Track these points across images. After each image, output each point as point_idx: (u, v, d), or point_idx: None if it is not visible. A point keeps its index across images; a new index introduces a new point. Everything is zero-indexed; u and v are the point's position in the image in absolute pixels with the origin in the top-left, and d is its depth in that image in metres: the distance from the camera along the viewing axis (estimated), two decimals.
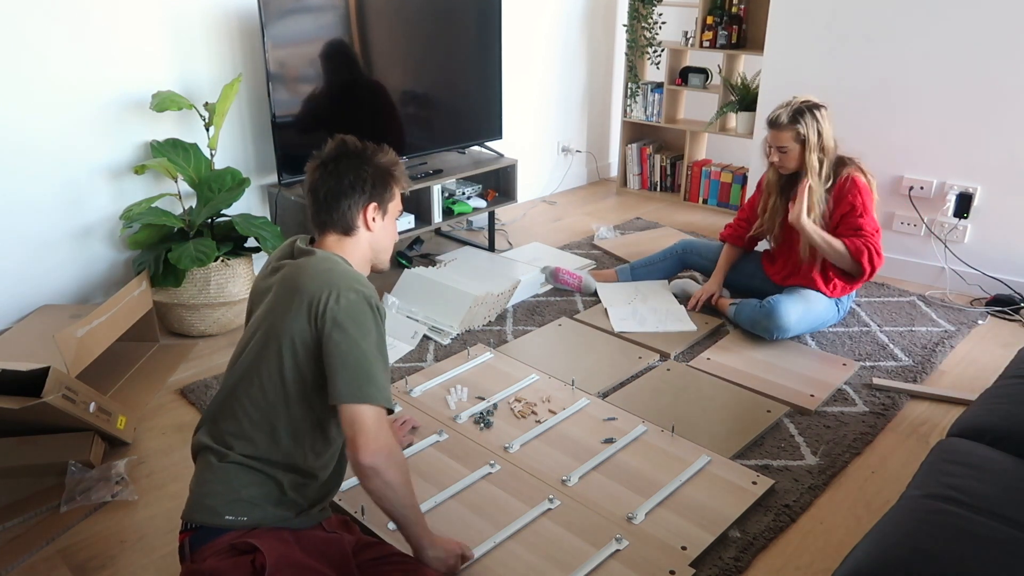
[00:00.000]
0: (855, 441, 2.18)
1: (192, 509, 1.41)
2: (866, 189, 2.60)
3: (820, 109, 2.57)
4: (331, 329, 1.37)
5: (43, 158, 2.57)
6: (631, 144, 4.58)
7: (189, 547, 1.39)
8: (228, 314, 2.77)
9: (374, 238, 1.57)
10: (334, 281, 1.40)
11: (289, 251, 1.55)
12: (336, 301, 1.38)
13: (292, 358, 1.41)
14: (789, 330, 2.65)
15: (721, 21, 4.04)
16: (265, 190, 3.17)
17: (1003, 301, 3.05)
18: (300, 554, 1.40)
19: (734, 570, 1.71)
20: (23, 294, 2.63)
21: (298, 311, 1.40)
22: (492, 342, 2.74)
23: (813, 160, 2.57)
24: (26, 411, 1.83)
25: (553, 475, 1.98)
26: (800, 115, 2.54)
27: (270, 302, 1.46)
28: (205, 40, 2.84)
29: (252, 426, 1.43)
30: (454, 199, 3.49)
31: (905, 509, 1.37)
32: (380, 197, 1.55)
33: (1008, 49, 2.90)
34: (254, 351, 1.44)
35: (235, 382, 1.46)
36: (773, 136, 2.60)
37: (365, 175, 1.52)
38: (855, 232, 2.60)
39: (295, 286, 1.42)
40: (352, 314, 1.38)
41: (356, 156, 1.52)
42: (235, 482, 1.41)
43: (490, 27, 3.50)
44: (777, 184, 2.76)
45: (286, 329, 1.40)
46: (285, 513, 1.45)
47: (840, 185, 2.61)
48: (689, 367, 2.55)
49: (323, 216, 1.53)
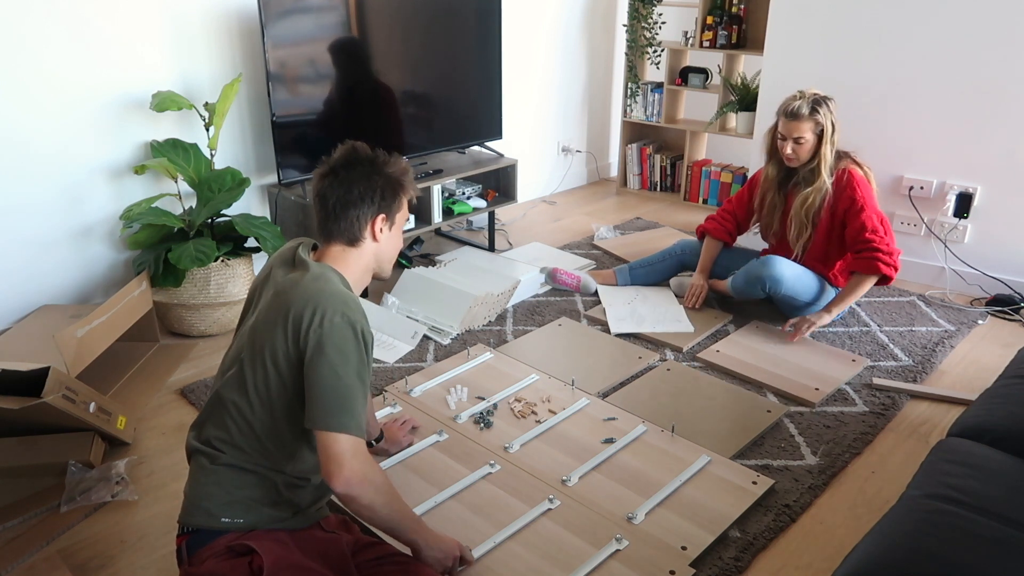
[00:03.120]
0: (855, 441, 2.18)
1: (188, 512, 1.41)
2: (863, 181, 2.62)
3: (831, 101, 2.61)
4: (313, 353, 1.36)
5: (43, 158, 2.57)
6: (631, 144, 4.58)
7: (186, 550, 1.39)
8: (228, 314, 2.77)
9: (379, 248, 1.56)
10: (321, 302, 1.38)
11: (290, 258, 1.53)
12: (320, 324, 1.36)
13: (276, 374, 1.40)
14: (782, 281, 2.69)
15: (721, 21, 4.04)
16: (265, 190, 3.17)
17: (1003, 301, 3.05)
18: (298, 555, 1.39)
19: (734, 570, 1.71)
20: (23, 294, 2.63)
21: (284, 328, 1.38)
22: (492, 342, 2.74)
23: (827, 151, 2.60)
24: (26, 411, 1.83)
25: (553, 475, 1.98)
26: (819, 105, 2.57)
27: (261, 314, 1.45)
28: (205, 40, 2.84)
29: (240, 433, 1.42)
30: (454, 199, 3.49)
31: (905, 509, 1.37)
32: (388, 208, 1.52)
33: (1008, 49, 2.89)
34: (241, 362, 1.44)
35: (222, 391, 1.45)
36: (792, 127, 2.59)
37: (375, 185, 1.49)
38: (858, 235, 2.60)
39: (285, 302, 1.41)
40: (335, 339, 1.36)
41: (367, 164, 1.50)
42: (230, 484, 1.41)
43: (490, 27, 3.50)
44: (776, 179, 2.77)
45: (272, 344, 1.39)
46: (281, 514, 1.45)
47: (837, 179, 2.64)
48: (689, 367, 2.55)
49: (330, 225, 1.50)
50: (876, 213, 2.61)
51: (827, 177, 2.63)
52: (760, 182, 2.85)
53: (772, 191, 2.79)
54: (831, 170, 2.63)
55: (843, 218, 2.64)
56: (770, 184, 2.79)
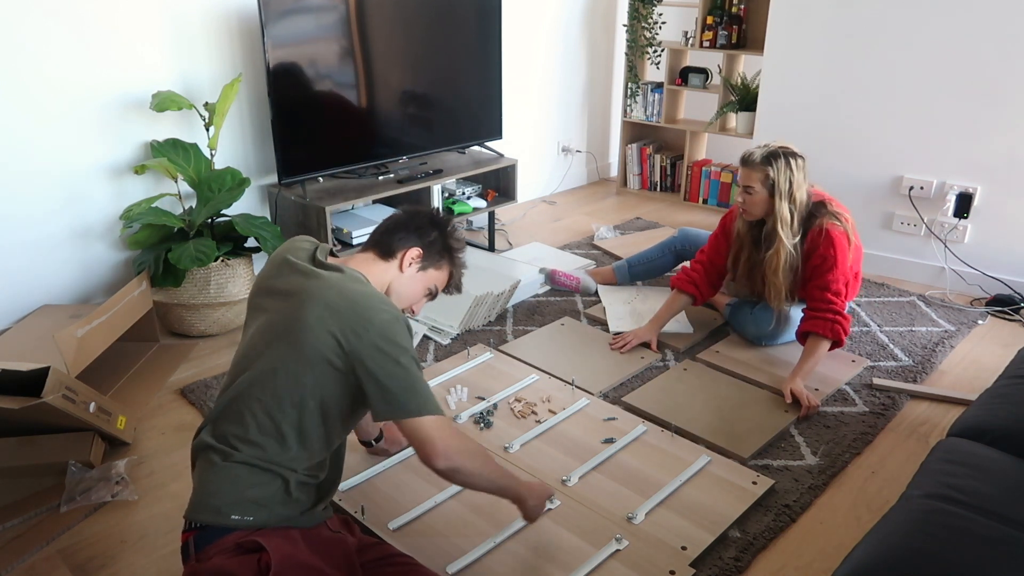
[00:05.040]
0: (855, 441, 2.18)
1: (196, 508, 1.41)
2: (840, 240, 2.39)
3: (797, 159, 2.38)
4: (371, 352, 1.40)
5: (43, 158, 2.57)
6: (631, 144, 4.58)
7: (194, 546, 1.39)
8: (228, 314, 2.77)
9: (399, 281, 1.60)
10: (366, 303, 1.42)
11: (309, 258, 1.53)
12: (371, 323, 1.40)
13: (315, 374, 1.41)
14: (776, 337, 2.65)
15: (721, 21, 4.04)
16: (265, 190, 3.17)
17: (1003, 301, 3.05)
18: (306, 554, 1.40)
19: (734, 570, 1.71)
20: (23, 294, 2.63)
21: (328, 329, 1.39)
22: (492, 342, 2.74)
23: (783, 210, 2.37)
24: (26, 411, 1.83)
25: (553, 475, 1.98)
26: (774, 158, 2.36)
27: (293, 312, 1.43)
28: (205, 40, 2.84)
29: (260, 431, 1.42)
30: (454, 199, 3.49)
31: (905, 509, 1.37)
32: (429, 254, 1.62)
33: (1008, 49, 2.90)
34: (271, 359, 1.43)
35: (245, 387, 1.44)
36: (743, 173, 2.42)
37: (430, 233, 1.62)
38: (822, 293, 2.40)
39: (326, 303, 1.41)
40: (389, 335, 1.41)
41: (436, 222, 1.65)
42: (241, 482, 1.40)
43: (490, 27, 3.50)
44: (748, 235, 2.54)
45: (313, 344, 1.39)
46: (290, 512, 1.45)
47: (813, 237, 2.42)
48: (706, 367, 2.55)
49: (375, 236, 1.63)
50: (844, 276, 2.40)
51: (788, 239, 2.40)
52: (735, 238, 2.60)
53: (747, 248, 2.56)
54: (795, 230, 2.41)
55: (811, 274, 2.44)
56: (744, 240, 2.56)
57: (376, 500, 1.88)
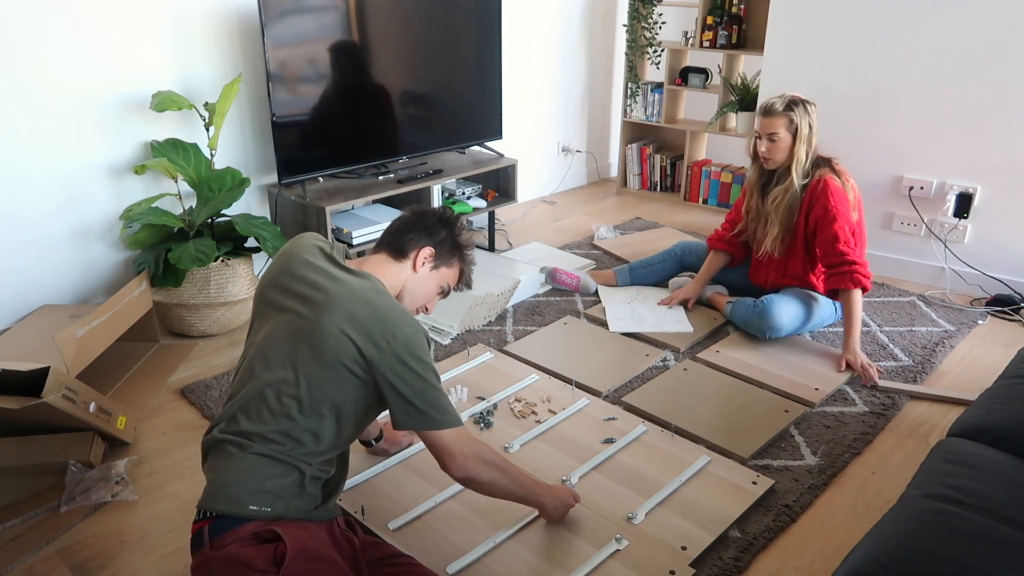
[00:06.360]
0: (855, 441, 2.18)
1: (213, 498, 1.41)
2: (838, 191, 2.55)
3: (811, 104, 2.59)
4: (395, 365, 1.43)
5: (43, 158, 2.57)
6: (631, 144, 4.58)
7: (208, 534, 1.39)
8: (228, 314, 2.77)
9: (413, 280, 1.63)
10: (389, 316, 1.45)
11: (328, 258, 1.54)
12: (395, 337, 1.43)
13: (335, 379, 1.43)
14: (782, 330, 2.66)
15: (721, 21, 4.04)
16: (265, 190, 3.17)
17: (1003, 301, 3.05)
18: (320, 546, 1.42)
19: (734, 570, 1.71)
20: (23, 294, 2.63)
21: (351, 337, 1.42)
22: (492, 342, 2.74)
23: (801, 152, 2.57)
24: (26, 411, 1.83)
25: (553, 475, 1.98)
26: (795, 105, 2.56)
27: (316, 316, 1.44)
28: (205, 40, 2.84)
29: (278, 429, 1.43)
30: (454, 199, 3.49)
31: (905, 509, 1.37)
32: (440, 252, 1.65)
33: (1008, 49, 2.90)
34: (292, 360, 1.44)
35: (264, 385, 1.44)
36: (766, 123, 2.59)
37: (440, 232, 1.65)
38: (831, 246, 2.55)
39: (351, 312, 1.43)
40: (412, 349, 1.44)
41: (443, 220, 1.67)
42: (260, 473, 1.41)
43: (490, 27, 3.50)
44: (758, 183, 2.74)
45: (335, 350, 1.42)
46: (305, 505, 1.47)
47: (812, 188, 2.59)
48: (706, 367, 2.55)
49: (386, 237, 1.65)
50: (848, 224, 2.55)
51: (798, 178, 2.59)
52: (745, 187, 2.81)
53: (756, 195, 2.75)
54: (804, 173, 2.60)
55: (814, 227, 2.60)
56: (751, 188, 2.76)
57: (376, 500, 1.89)
